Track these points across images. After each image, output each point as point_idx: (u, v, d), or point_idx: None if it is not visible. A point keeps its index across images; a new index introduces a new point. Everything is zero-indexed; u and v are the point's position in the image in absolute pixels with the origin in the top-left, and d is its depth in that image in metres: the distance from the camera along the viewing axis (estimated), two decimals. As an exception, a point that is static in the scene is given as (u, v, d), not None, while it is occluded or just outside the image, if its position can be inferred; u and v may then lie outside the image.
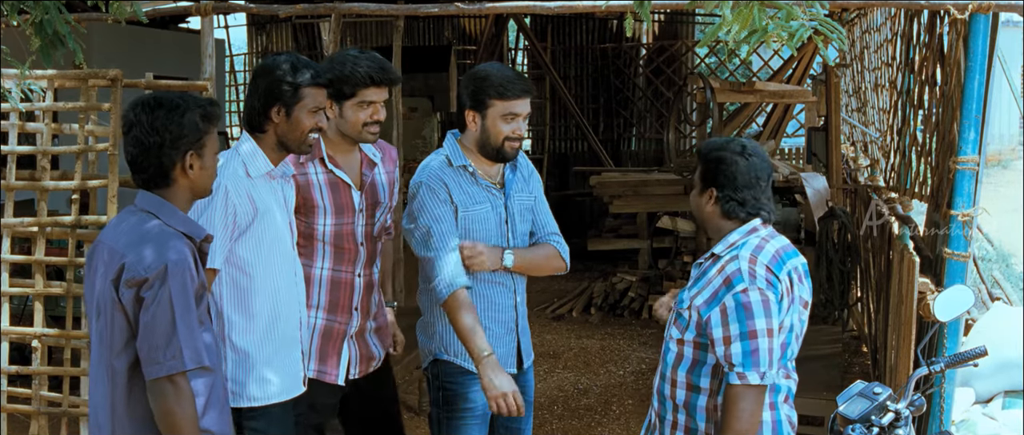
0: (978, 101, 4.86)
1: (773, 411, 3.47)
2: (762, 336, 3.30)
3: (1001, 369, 6.25)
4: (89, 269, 3.29)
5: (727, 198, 3.51)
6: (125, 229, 3.19)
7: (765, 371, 3.30)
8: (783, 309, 3.36)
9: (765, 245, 3.44)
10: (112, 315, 3.13)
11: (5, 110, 5.31)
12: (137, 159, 3.22)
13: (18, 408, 5.41)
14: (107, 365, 3.18)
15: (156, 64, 7.24)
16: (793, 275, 3.43)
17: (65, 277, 5.45)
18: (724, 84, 11.46)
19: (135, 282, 3.08)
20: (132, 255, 3.11)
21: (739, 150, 3.51)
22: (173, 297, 3.08)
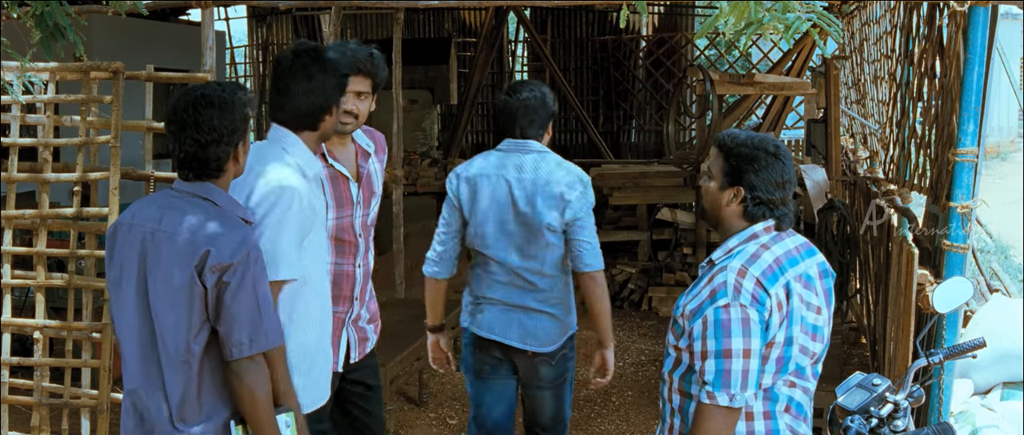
0: (977, 93, 4.86)
1: (769, 421, 3.33)
2: (736, 357, 3.15)
3: (1000, 360, 6.27)
4: (135, 261, 3.31)
5: (757, 200, 3.32)
6: (193, 219, 3.26)
7: (735, 393, 3.14)
8: (772, 326, 3.20)
9: (763, 254, 3.27)
10: (191, 301, 3.19)
11: (6, 102, 5.32)
12: (196, 156, 3.29)
13: (19, 399, 5.43)
14: (180, 350, 3.24)
15: (156, 56, 7.25)
16: (796, 284, 3.25)
17: (66, 269, 5.47)
18: (723, 76, 11.45)
19: (220, 267, 3.17)
20: (215, 243, 3.19)
21: (773, 150, 3.31)
22: (256, 281, 3.22)
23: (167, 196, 3.36)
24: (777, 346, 3.23)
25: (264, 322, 3.23)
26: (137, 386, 3.32)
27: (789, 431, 3.37)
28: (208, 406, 3.27)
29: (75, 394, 5.41)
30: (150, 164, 5.41)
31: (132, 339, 3.32)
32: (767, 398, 3.31)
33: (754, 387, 3.17)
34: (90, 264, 5.48)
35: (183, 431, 3.26)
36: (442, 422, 7.45)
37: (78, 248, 5.39)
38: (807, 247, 3.42)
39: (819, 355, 3.41)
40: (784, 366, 3.28)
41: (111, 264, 3.39)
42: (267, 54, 17.33)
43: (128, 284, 3.32)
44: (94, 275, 5.47)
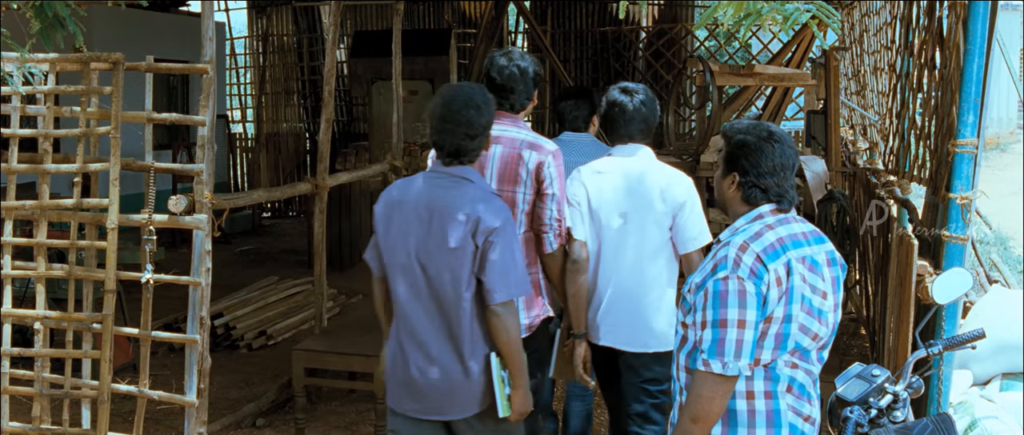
0: (977, 84, 4.86)
1: (770, 400, 3.45)
2: (731, 326, 3.30)
3: (999, 351, 6.27)
4: (412, 230, 4.09)
5: (750, 184, 3.49)
6: (462, 194, 4.06)
7: (728, 361, 3.29)
8: (771, 301, 3.32)
9: (766, 233, 3.40)
10: (465, 259, 4.00)
11: (6, 93, 5.32)
12: (465, 147, 4.11)
13: (20, 390, 5.44)
14: (458, 298, 4.04)
15: (156, 47, 7.24)
16: (798, 265, 3.36)
17: (67, 260, 5.47)
18: (723, 67, 11.44)
19: (488, 231, 3.98)
20: (483, 212, 4.00)
21: (765, 135, 3.49)
22: (510, 240, 4.03)
23: (432, 178, 4.16)
24: (776, 321, 3.34)
25: (515, 274, 4.04)
26: (420, 331, 4.10)
27: (791, 411, 3.46)
28: (476, 342, 4.08)
29: (76, 385, 5.42)
30: (150, 155, 5.41)
31: (412, 294, 4.10)
32: (768, 378, 3.42)
33: (748, 357, 3.30)
34: (90, 255, 5.49)
35: (464, 363, 4.07)
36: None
37: (78, 239, 5.40)
38: (816, 235, 3.53)
39: (825, 340, 3.51)
40: (783, 342, 3.38)
41: (388, 233, 4.15)
42: (267, 45, 17.31)
43: (405, 248, 4.10)
44: (94, 266, 5.48)
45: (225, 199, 5.82)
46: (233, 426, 6.99)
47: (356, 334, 7.31)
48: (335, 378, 7.29)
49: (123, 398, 6.01)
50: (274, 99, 17.25)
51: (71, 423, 5.48)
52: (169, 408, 6.99)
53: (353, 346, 6.99)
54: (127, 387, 5.43)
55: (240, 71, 18.21)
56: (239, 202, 6.58)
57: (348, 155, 13.64)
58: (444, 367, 4.08)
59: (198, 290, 5.40)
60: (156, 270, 5.33)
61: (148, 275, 5.26)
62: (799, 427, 3.51)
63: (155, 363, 7.63)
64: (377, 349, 6.81)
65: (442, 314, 4.06)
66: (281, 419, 7.26)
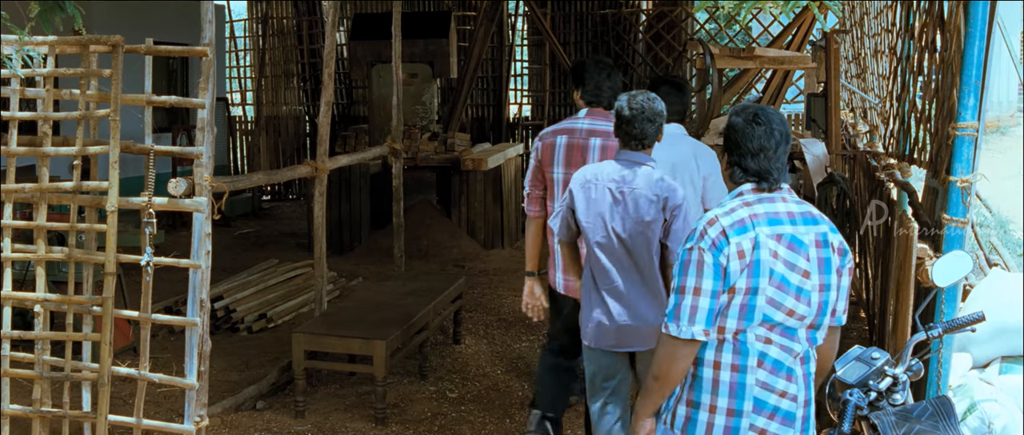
0: (978, 67, 4.85)
1: (736, 373, 3.58)
2: (688, 293, 3.49)
3: (998, 334, 6.27)
4: (608, 206, 4.98)
5: (733, 163, 3.66)
6: (648, 176, 4.96)
7: (683, 326, 3.48)
8: (732, 272, 3.46)
9: (740, 209, 3.55)
10: (657, 229, 4.94)
11: (6, 76, 5.31)
12: (645, 134, 4.99)
13: (21, 372, 5.44)
14: (652, 262, 4.99)
15: (155, 29, 7.22)
16: (770, 241, 3.50)
17: (66, 242, 5.47)
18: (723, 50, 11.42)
19: (674, 207, 4.90)
20: (670, 192, 4.91)
21: (750, 117, 3.62)
22: (688, 212, 4.96)
23: (619, 163, 5.04)
24: (740, 292, 3.49)
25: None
26: (619, 286, 5.02)
27: (760, 386, 3.58)
28: (660, 292, 5.01)
29: (76, 367, 5.43)
30: (150, 137, 5.40)
31: (611, 258, 5.00)
32: (737, 351, 3.57)
33: (704, 323, 3.48)
34: (90, 237, 5.48)
35: (653, 309, 4.98)
36: (442, 395, 7.48)
37: (78, 222, 5.39)
38: (808, 216, 3.62)
39: (814, 319, 3.59)
40: (749, 313, 3.51)
41: (587, 210, 5.04)
42: (266, 27, 17.29)
43: (604, 222, 5.00)
44: (94, 248, 5.47)
45: (225, 182, 5.82)
46: (233, 409, 7.01)
47: (356, 317, 7.32)
48: (335, 361, 7.30)
49: (123, 381, 6.01)
50: (274, 82, 17.23)
51: (71, 406, 5.48)
52: (169, 391, 7.00)
53: (353, 329, 7.01)
54: (127, 370, 5.44)
55: (240, 54, 18.19)
56: (239, 185, 6.58)
57: (348, 138, 13.64)
58: (639, 313, 5.02)
59: (198, 273, 5.40)
60: (156, 253, 5.33)
61: (148, 258, 5.26)
62: (770, 403, 3.59)
63: (155, 346, 7.64)
64: (377, 332, 6.84)
65: (637, 272, 4.99)
66: (281, 402, 7.27)
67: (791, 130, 3.80)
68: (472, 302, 9.95)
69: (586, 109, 5.86)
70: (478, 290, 10.57)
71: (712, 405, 3.61)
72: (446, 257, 12.21)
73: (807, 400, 3.66)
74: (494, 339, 8.89)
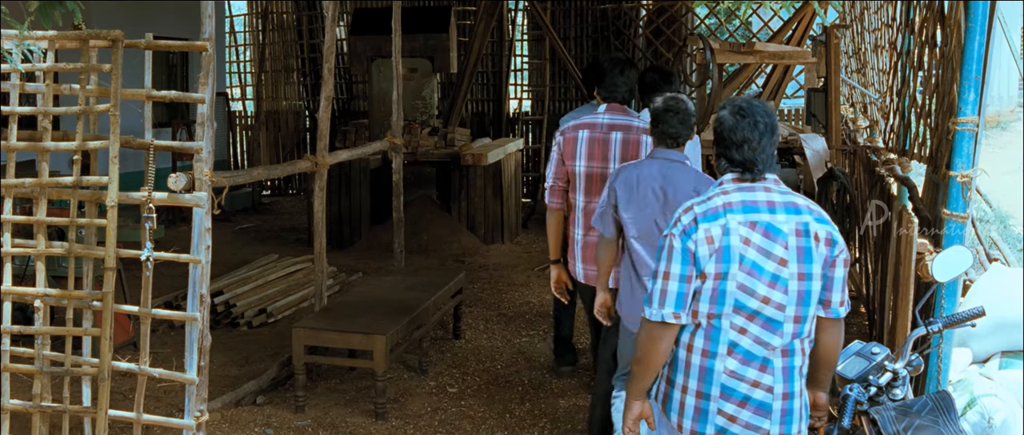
0: (978, 62, 4.86)
1: (706, 358, 3.70)
2: (659, 277, 3.67)
3: (998, 330, 6.27)
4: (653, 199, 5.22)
5: (719, 155, 3.78)
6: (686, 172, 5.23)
7: (655, 309, 3.66)
8: (701, 257, 3.61)
9: (716, 198, 3.69)
10: None
11: (5, 71, 5.31)
12: (684, 135, 5.23)
13: (21, 368, 5.44)
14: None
15: (155, 24, 7.22)
16: (742, 228, 3.61)
17: (66, 238, 5.47)
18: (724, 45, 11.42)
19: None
20: (703, 184, 4.97)
21: (735, 110, 3.74)
22: None
23: (658, 160, 5.28)
24: (710, 277, 3.62)
25: None
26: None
27: (729, 374, 3.68)
28: None
29: (76, 362, 5.43)
30: (150, 132, 5.40)
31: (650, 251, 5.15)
32: (708, 337, 3.70)
33: (673, 306, 3.64)
34: (90, 232, 5.48)
35: None
36: (442, 390, 7.48)
37: (78, 217, 5.39)
38: (790, 206, 3.69)
39: (793, 309, 3.65)
40: (720, 298, 3.64)
41: (630, 203, 5.27)
42: (266, 22, 17.27)
43: (647, 216, 5.23)
44: (94, 243, 5.47)
45: (225, 177, 5.81)
46: (233, 403, 7.01)
47: (356, 312, 7.32)
48: (335, 356, 7.31)
49: (123, 376, 6.02)
50: (274, 77, 17.21)
51: (72, 400, 5.48)
52: (169, 385, 7.01)
53: (353, 324, 7.01)
54: (127, 365, 5.44)
55: (239, 49, 18.16)
56: (239, 180, 6.58)
57: (348, 133, 13.63)
58: None
59: (198, 268, 5.40)
60: (156, 248, 5.33)
61: (148, 253, 5.26)
62: (740, 391, 3.69)
63: (155, 341, 7.64)
64: (377, 327, 6.84)
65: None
66: (281, 396, 7.28)
67: (792, 125, 3.88)
68: (472, 297, 9.95)
69: (604, 105, 6.10)
70: (478, 285, 10.58)
71: (684, 385, 3.76)
72: (446, 252, 12.21)
73: (788, 393, 3.71)
74: (494, 334, 8.89)
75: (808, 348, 3.76)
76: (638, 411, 3.88)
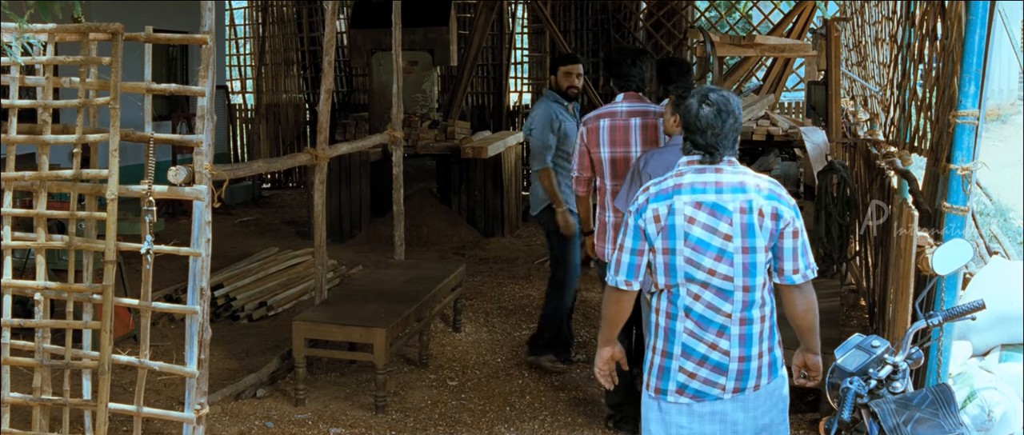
0: (978, 55, 4.85)
1: (669, 320, 4.16)
2: (618, 250, 4.17)
3: (998, 323, 6.28)
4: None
5: (686, 138, 4.15)
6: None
7: (610, 275, 4.17)
8: (650, 234, 4.07)
9: (669, 180, 4.11)
10: None
11: (5, 64, 5.30)
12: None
13: (21, 361, 5.45)
14: None
15: (155, 17, 7.22)
16: (686, 208, 4.03)
17: (66, 231, 5.47)
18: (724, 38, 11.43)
19: None
20: None
21: (701, 98, 4.11)
22: None
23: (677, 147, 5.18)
24: (659, 252, 4.08)
25: None
26: None
27: (688, 334, 4.11)
28: None
29: (76, 356, 5.43)
30: (150, 125, 5.40)
31: None
32: (670, 301, 4.14)
33: (625, 275, 4.15)
34: (90, 226, 5.48)
35: None
36: (442, 384, 7.48)
37: (78, 210, 5.39)
38: (738, 186, 4.06)
39: (740, 280, 4.05)
40: (671, 271, 4.08)
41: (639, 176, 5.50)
42: (266, 15, 17.26)
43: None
44: (94, 236, 5.47)
45: (225, 170, 5.81)
46: (233, 397, 7.01)
47: (356, 305, 7.32)
48: (335, 349, 7.30)
49: (123, 369, 6.02)
50: (274, 70, 17.20)
51: (72, 394, 5.49)
52: (170, 379, 7.01)
53: (353, 317, 7.01)
54: (127, 358, 5.44)
55: (240, 42, 18.15)
56: (239, 173, 6.57)
57: (348, 126, 13.63)
58: None
59: (198, 261, 5.40)
60: (156, 241, 5.33)
61: (148, 246, 5.26)
62: (698, 351, 4.11)
63: (155, 334, 7.65)
64: (377, 320, 6.84)
65: None
66: (281, 389, 7.28)
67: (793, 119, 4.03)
68: (472, 290, 9.96)
69: (622, 94, 6.44)
70: (478, 278, 10.58)
71: (653, 346, 4.23)
72: (446, 245, 12.21)
73: (744, 356, 4.11)
74: (494, 327, 8.89)
75: (769, 313, 4.15)
76: (608, 354, 4.42)
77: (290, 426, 6.59)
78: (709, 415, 4.15)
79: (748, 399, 4.14)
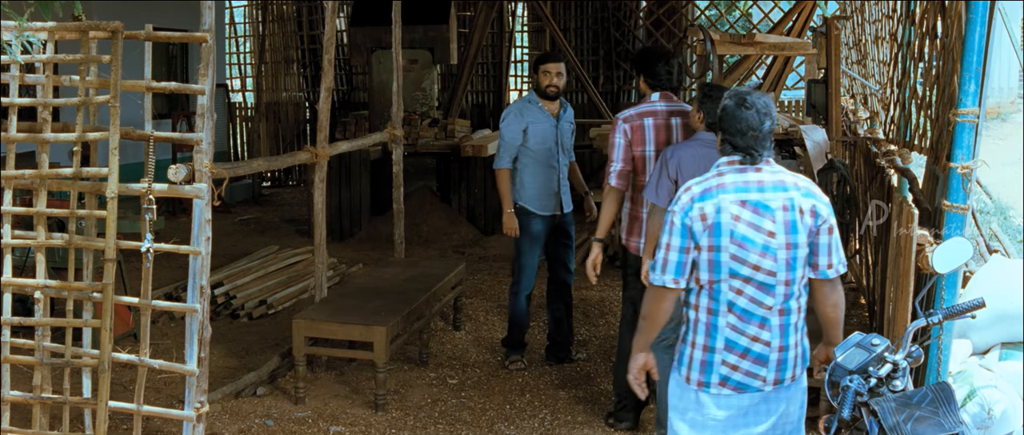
0: (978, 53, 4.85)
1: (710, 315, 4.22)
2: (662, 248, 4.20)
3: (998, 321, 6.28)
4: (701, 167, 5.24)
5: (724, 141, 4.22)
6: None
7: (657, 274, 4.20)
8: (696, 232, 4.11)
9: (711, 179, 4.18)
10: None
11: (5, 62, 5.30)
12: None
13: (21, 359, 5.45)
14: None
15: (155, 16, 7.21)
16: (732, 206, 4.09)
17: (66, 229, 5.47)
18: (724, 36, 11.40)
19: None
20: None
21: (739, 101, 4.18)
22: None
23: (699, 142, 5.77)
24: (705, 249, 4.13)
25: None
26: None
27: (730, 328, 4.19)
28: None
29: (76, 354, 5.43)
30: (150, 124, 5.39)
31: None
32: (711, 297, 4.20)
33: (673, 274, 4.18)
34: (90, 224, 5.48)
35: None
36: (442, 381, 7.49)
37: (78, 208, 5.39)
38: (777, 183, 4.17)
39: (783, 274, 4.15)
40: (716, 267, 4.14)
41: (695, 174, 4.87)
42: (266, 13, 17.25)
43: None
44: (94, 235, 5.47)
45: (225, 168, 5.81)
46: (233, 395, 7.01)
47: (356, 303, 7.32)
48: (335, 347, 7.30)
49: (124, 367, 6.02)
50: (274, 68, 17.20)
51: (72, 392, 5.49)
52: (170, 377, 7.01)
53: (353, 315, 7.01)
54: (128, 356, 5.44)
55: (239, 40, 18.15)
56: (239, 171, 6.57)
57: (348, 124, 13.63)
58: None
59: (198, 259, 5.40)
60: (156, 239, 5.33)
61: (148, 244, 5.26)
62: (742, 344, 4.19)
63: (155, 332, 7.65)
64: (377, 318, 6.84)
65: None
66: (281, 388, 7.28)
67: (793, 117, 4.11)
68: (472, 289, 9.96)
69: (657, 93, 6.54)
70: (478, 276, 10.58)
71: (693, 341, 4.27)
72: (446, 243, 12.21)
73: (783, 346, 4.21)
74: (494, 325, 8.89)
75: (804, 305, 4.26)
76: (642, 361, 4.43)
77: (290, 424, 6.59)
78: (750, 407, 4.24)
79: (785, 391, 4.27)
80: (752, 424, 4.26)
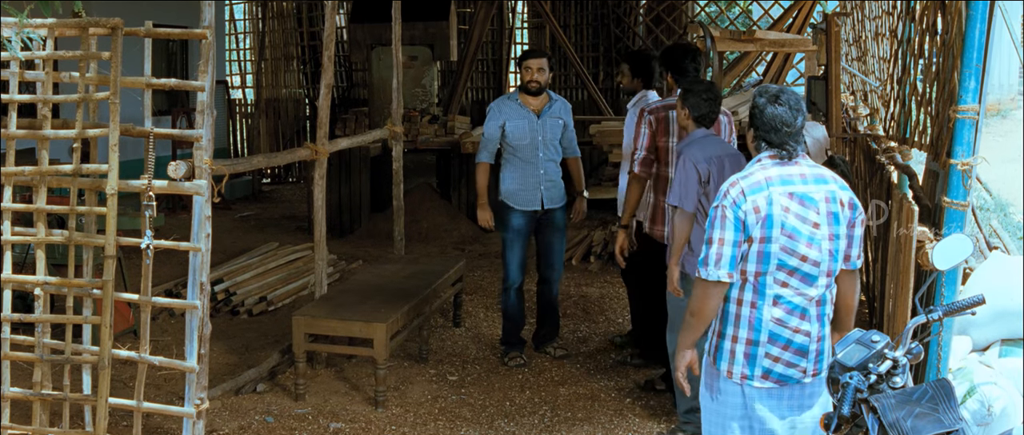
0: (979, 50, 4.85)
1: (754, 309, 4.29)
2: (713, 243, 4.22)
3: (998, 318, 6.27)
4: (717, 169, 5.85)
5: (758, 137, 4.32)
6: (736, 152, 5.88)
7: (710, 269, 4.21)
8: (749, 225, 4.16)
9: (757, 172, 4.24)
10: None
11: (5, 59, 5.30)
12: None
13: (21, 355, 5.45)
14: None
15: (154, 12, 7.21)
16: (782, 198, 4.19)
17: (66, 225, 5.47)
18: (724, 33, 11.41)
19: None
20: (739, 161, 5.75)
21: (772, 98, 4.27)
22: None
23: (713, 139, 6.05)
24: (756, 241, 4.19)
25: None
26: None
27: (776, 322, 4.28)
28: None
29: (76, 350, 5.43)
30: (149, 120, 5.39)
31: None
32: (756, 291, 4.28)
33: (728, 267, 4.21)
34: (90, 220, 5.48)
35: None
36: (442, 378, 7.49)
37: (78, 205, 5.39)
38: (818, 177, 4.31)
39: (826, 264, 4.27)
40: (765, 259, 4.21)
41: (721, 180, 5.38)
42: (266, 10, 17.25)
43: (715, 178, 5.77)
44: (94, 231, 5.47)
45: (225, 165, 5.81)
46: (233, 391, 7.02)
47: (356, 299, 7.32)
48: (335, 343, 7.31)
49: (124, 364, 6.02)
50: (274, 64, 17.20)
51: (72, 388, 5.49)
52: (170, 374, 7.01)
53: (353, 311, 7.01)
54: (128, 353, 5.44)
55: (239, 36, 18.16)
56: (239, 168, 6.57)
57: (348, 121, 13.62)
58: None
59: (198, 256, 5.40)
60: (156, 236, 5.33)
61: (148, 241, 5.26)
62: (784, 336, 4.29)
63: (155, 329, 7.65)
64: (377, 315, 6.84)
65: None
66: (281, 384, 7.28)
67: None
68: (472, 285, 9.96)
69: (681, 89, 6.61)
70: (478, 273, 10.58)
71: (734, 335, 4.34)
72: (446, 240, 12.21)
73: (821, 336, 4.35)
74: (494, 322, 8.89)
75: (834, 296, 4.39)
76: (689, 359, 4.47)
77: (290, 421, 6.60)
78: (790, 399, 4.36)
79: (821, 384, 4.37)
80: (794, 413, 4.38)
